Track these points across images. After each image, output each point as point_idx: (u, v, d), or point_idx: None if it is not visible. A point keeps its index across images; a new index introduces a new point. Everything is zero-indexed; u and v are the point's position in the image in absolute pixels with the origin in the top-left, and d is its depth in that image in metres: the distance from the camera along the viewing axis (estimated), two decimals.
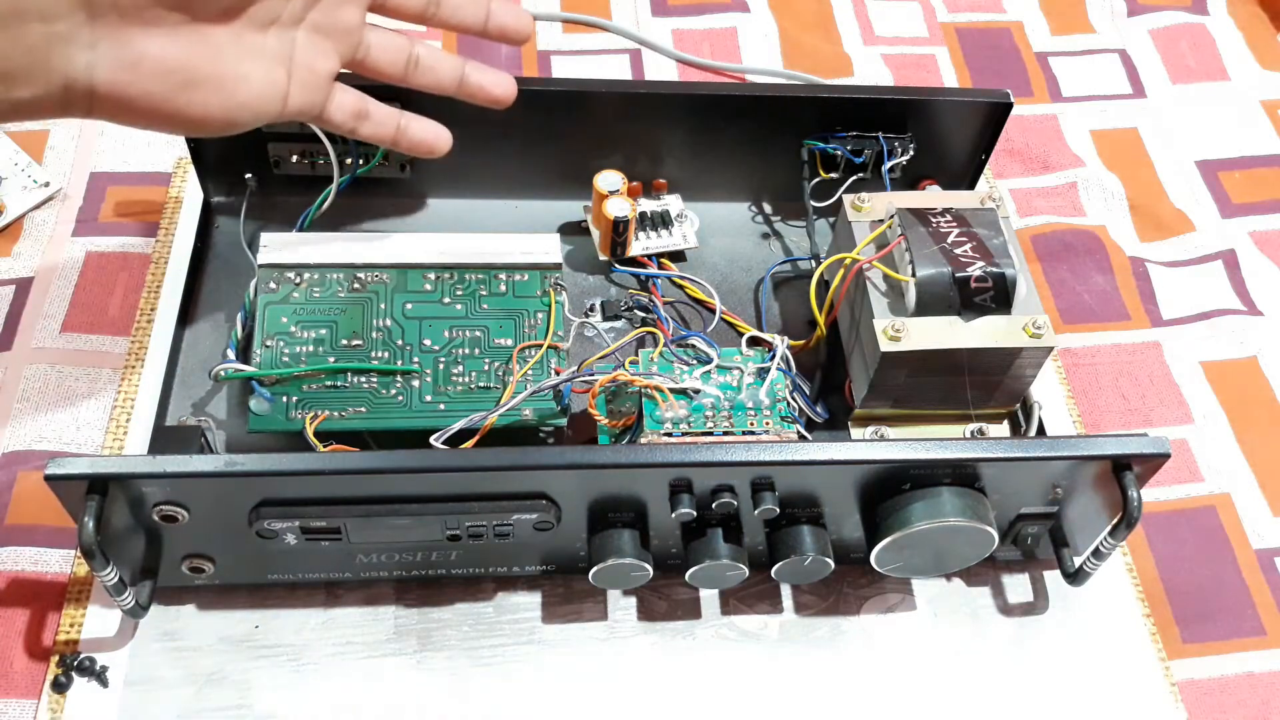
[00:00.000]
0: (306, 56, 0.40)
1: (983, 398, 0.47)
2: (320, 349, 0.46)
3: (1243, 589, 0.50)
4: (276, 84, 0.39)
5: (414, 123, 0.45)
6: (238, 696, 0.43)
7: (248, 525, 0.39)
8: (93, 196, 0.57)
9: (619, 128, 0.53)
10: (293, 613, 0.45)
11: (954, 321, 0.45)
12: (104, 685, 0.43)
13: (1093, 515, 0.44)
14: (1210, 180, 0.66)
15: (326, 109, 0.42)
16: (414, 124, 0.45)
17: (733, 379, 0.47)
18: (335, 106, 0.42)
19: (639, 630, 0.46)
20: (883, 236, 0.47)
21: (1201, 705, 0.47)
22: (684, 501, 0.41)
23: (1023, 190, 0.64)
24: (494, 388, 0.47)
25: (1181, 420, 0.55)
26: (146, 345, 0.49)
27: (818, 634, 0.47)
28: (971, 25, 0.73)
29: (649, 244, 0.54)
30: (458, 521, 0.41)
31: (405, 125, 0.45)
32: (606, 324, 0.52)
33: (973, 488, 0.42)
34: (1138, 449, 0.41)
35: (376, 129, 0.44)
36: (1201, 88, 0.71)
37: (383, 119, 0.44)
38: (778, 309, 0.54)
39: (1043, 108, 0.69)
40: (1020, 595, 0.48)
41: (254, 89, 0.39)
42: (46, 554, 0.46)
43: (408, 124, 0.45)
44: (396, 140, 0.45)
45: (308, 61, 0.40)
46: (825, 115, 0.53)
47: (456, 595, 0.46)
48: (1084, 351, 0.58)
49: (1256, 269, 0.62)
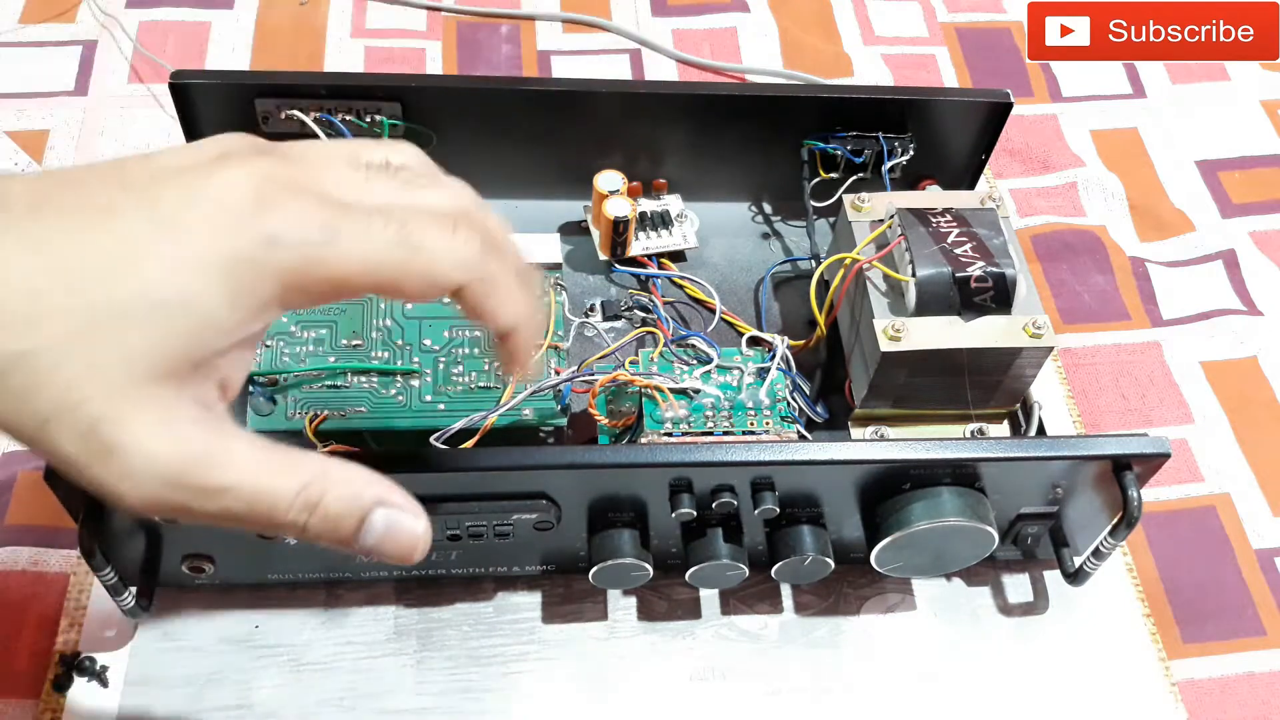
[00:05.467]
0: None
1: (983, 398, 0.47)
2: (320, 349, 0.46)
3: (1243, 589, 0.50)
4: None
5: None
6: (238, 696, 0.43)
7: None
8: None
9: (619, 128, 0.53)
10: (293, 613, 0.45)
11: (954, 321, 0.45)
12: (104, 685, 0.43)
13: (1093, 515, 0.44)
14: (1210, 180, 0.66)
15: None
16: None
17: (733, 379, 0.47)
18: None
19: (639, 630, 0.46)
20: (883, 236, 0.47)
21: (1201, 705, 0.47)
22: (684, 501, 0.41)
23: (1023, 190, 0.64)
24: (494, 388, 0.47)
25: (1181, 420, 0.55)
26: None
27: (818, 634, 0.47)
28: (971, 25, 0.73)
29: (649, 244, 0.54)
30: (458, 521, 0.41)
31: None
32: (606, 324, 0.52)
33: (973, 488, 0.42)
34: (1138, 449, 0.41)
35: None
36: (1201, 88, 0.71)
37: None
38: (778, 309, 0.54)
39: (1043, 108, 0.69)
40: (1020, 595, 0.48)
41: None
42: (46, 554, 0.46)
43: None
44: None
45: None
46: (825, 115, 0.53)
47: (456, 595, 0.46)
48: (1084, 351, 0.58)
49: (1256, 269, 0.62)
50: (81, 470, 0.25)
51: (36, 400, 0.24)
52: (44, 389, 0.24)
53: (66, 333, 0.24)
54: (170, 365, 0.25)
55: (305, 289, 0.27)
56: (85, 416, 0.24)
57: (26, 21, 0.66)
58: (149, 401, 0.25)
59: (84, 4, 0.67)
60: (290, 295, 0.26)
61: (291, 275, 0.26)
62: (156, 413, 0.25)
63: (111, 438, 0.25)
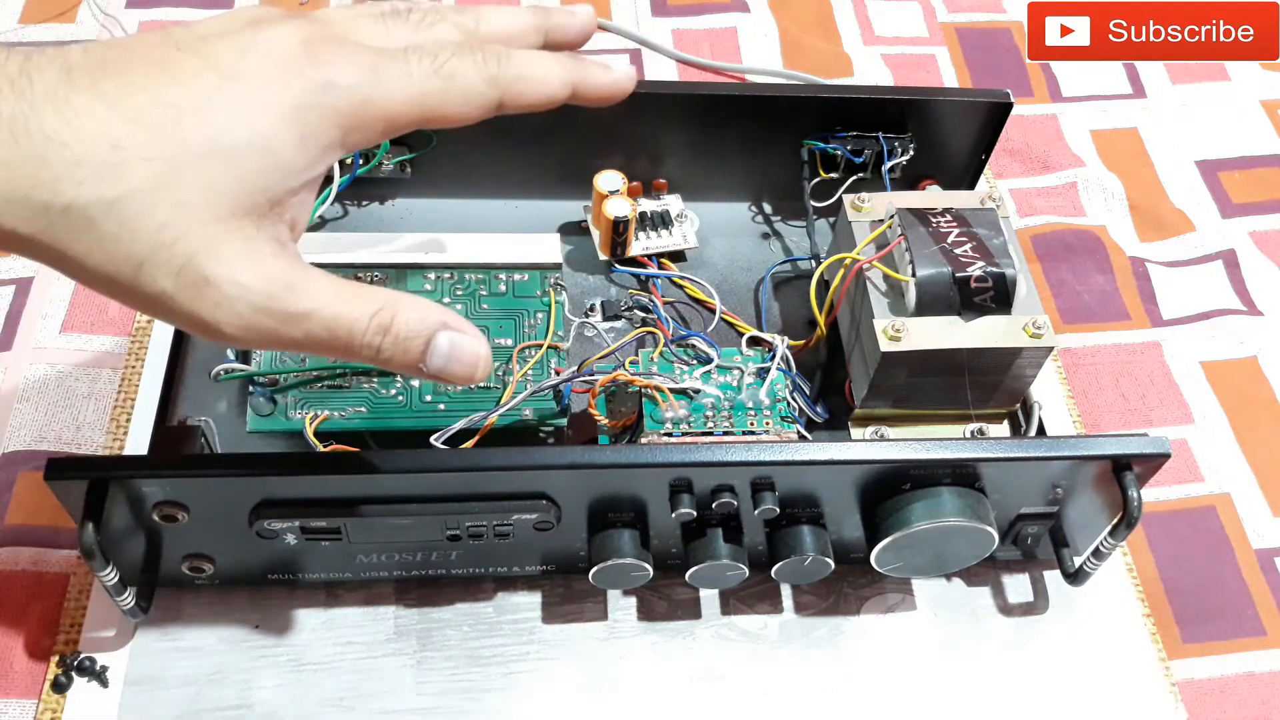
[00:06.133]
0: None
1: (983, 398, 0.47)
2: None
3: (1243, 589, 0.50)
4: None
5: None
6: (238, 696, 0.43)
7: (248, 525, 0.39)
8: None
9: (619, 128, 0.53)
10: (293, 613, 0.45)
11: (954, 321, 0.45)
12: (104, 685, 0.43)
13: (1093, 515, 0.44)
14: (1210, 180, 0.66)
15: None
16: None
17: (733, 379, 0.47)
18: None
19: (639, 630, 0.46)
20: (883, 236, 0.47)
21: (1201, 705, 0.47)
22: (684, 501, 0.41)
23: (1023, 190, 0.64)
24: (494, 388, 0.47)
25: (1181, 420, 0.55)
26: (146, 345, 0.49)
27: (818, 634, 0.47)
28: (971, 25, 0.73)
29: (649, 244, 0.54)
30: (458, 521, 0.41)
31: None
32: (606, 324, 0.52)
33: (973, 488, 0.42)
34: (1138, 449, 0.41)
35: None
36: (1201, 88, 0.71)
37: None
38: (778, 309, 0.54)
39: (1043, 108, 0.69)
40: (1020, 595, 0.48)
41: None
42: (46, 554, 0.46)
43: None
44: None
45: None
46: (825, 115, 0.53)
47: (456, 595, 0.46)
48: (1084, 351, 0.58)
49: (1256, 269, 0.62)
50: (178, 307, 0.27)
51: (131, 244, 0.26)
52: (137, 232, 0.26)
53: (152, 178, 0.26)
54: (250, 203, 0.27)
55: (362, 127, 0.29)
56: (179, 253, 0.26)
57: (26, 22, 0.66)
58: (235, 236, 0.27)
59: (84, 4, 0.67)
60: (349, 135, 0.29)
61: (348, 116, 0.29)
62: (242, 246, 0.27)
63: (205, 270, 0.27)
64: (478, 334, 0.31)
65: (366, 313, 0.29)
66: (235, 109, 0.27)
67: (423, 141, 0.52)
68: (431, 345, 0.30)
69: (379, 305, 0.29)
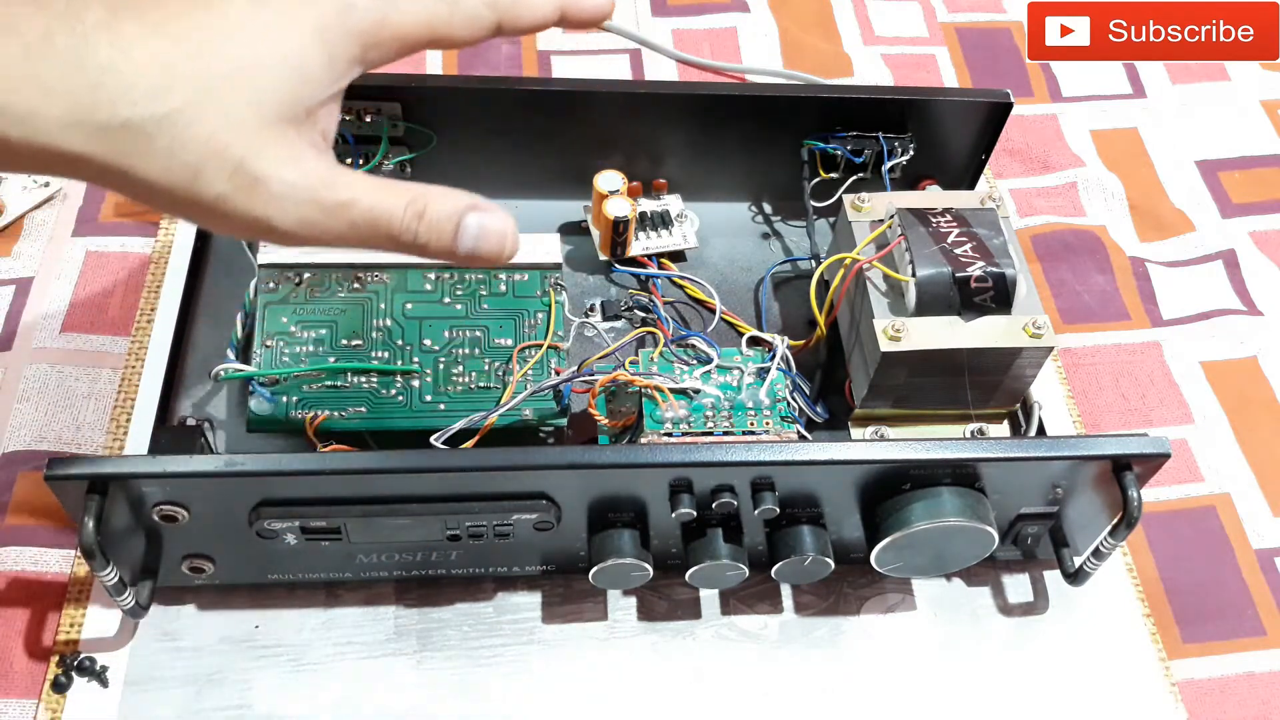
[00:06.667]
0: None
1: (983, 398, 0.47)
2: (320, 349, 0.46)
3: (1243, 589, 0.50)
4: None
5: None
6: (238, 696, 0.43)
7: (248, 525, 0.39)
8: (93, 196, 0.57)
9: (619, 128, 0.53)
10: (293, 613, 0.45)
11: (954, 321, 0.45)
12: (104, 685, 0.43)
13: (1093, 515, 0.44)
14: (1210, 180, 0.66)
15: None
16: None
17: (733, 379, 0.47)
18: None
19: (639, 630, 0.46)
20: (883, 236, 0.47)
21: (1201, 705, 0.47)
22: (684, 501, 0.41)
23: (1023, 190, 0.64)
24: (494, 388, 0.47)
25: (1181, 420, 0.55)
26: (146, 345, 0.49)
27: (818, 634, 0.47)
28: (971, 25, 0.73)
29: (649, 244, 0.54)
30: (458, 521, 0.41)
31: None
32: (606, 324, 0.52)
33: (973, 488, 0.42)
34: (1138, 449, 0.41)
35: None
36: (1201, 88, 0.71)
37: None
38: (778, 309, 0.54)
39: (1043, 108, 0.69)
40: (1020, 595, 0.48)
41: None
42: (46, 554, 0.46)
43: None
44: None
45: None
46: (825, 115, 0.53)
47: (456, 595, 0.46)
48: (1084, 351, 0.58)
49: (1256, 269, 0.62)
50: (234, 208, 0.30)
51: (185, 154, 0.29)
52: (191, 143, 0.29)
53: (198, 92, 0.29)
54: (289, 111, 0.31)
55: (378, 45, 0.32)
56: (231, 158, 0.29)
57: None
58: (279, 139, 0.30)
59: None
60: (368, 53, 0.32)
61: (367, 35, 0.32)
62: (285, 150, 0.30)
63: (256, 169, 0.30)
64: (503, 212, 0.33)
65: (402, 201, 0.32)
66: (267, 31, 0.30)
67: (423, 141, 0.52)
68: (461, 227, 0.32)
69: (413, 195, 0.32)
